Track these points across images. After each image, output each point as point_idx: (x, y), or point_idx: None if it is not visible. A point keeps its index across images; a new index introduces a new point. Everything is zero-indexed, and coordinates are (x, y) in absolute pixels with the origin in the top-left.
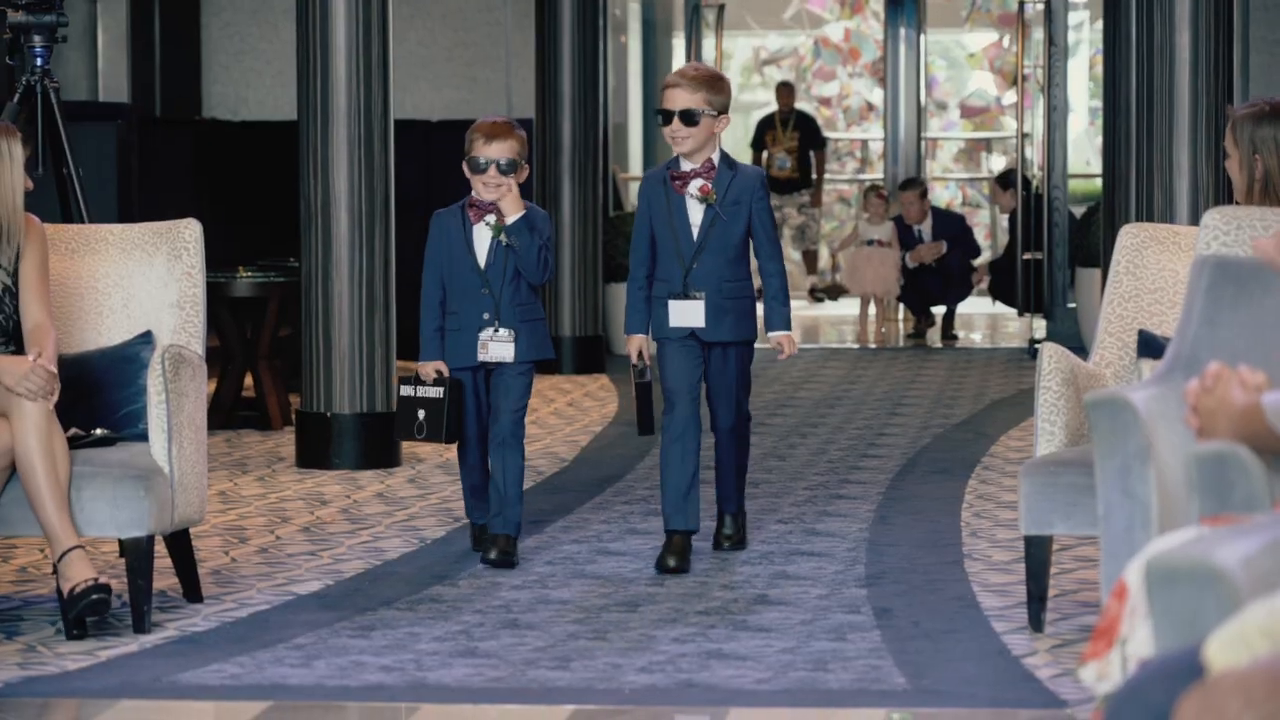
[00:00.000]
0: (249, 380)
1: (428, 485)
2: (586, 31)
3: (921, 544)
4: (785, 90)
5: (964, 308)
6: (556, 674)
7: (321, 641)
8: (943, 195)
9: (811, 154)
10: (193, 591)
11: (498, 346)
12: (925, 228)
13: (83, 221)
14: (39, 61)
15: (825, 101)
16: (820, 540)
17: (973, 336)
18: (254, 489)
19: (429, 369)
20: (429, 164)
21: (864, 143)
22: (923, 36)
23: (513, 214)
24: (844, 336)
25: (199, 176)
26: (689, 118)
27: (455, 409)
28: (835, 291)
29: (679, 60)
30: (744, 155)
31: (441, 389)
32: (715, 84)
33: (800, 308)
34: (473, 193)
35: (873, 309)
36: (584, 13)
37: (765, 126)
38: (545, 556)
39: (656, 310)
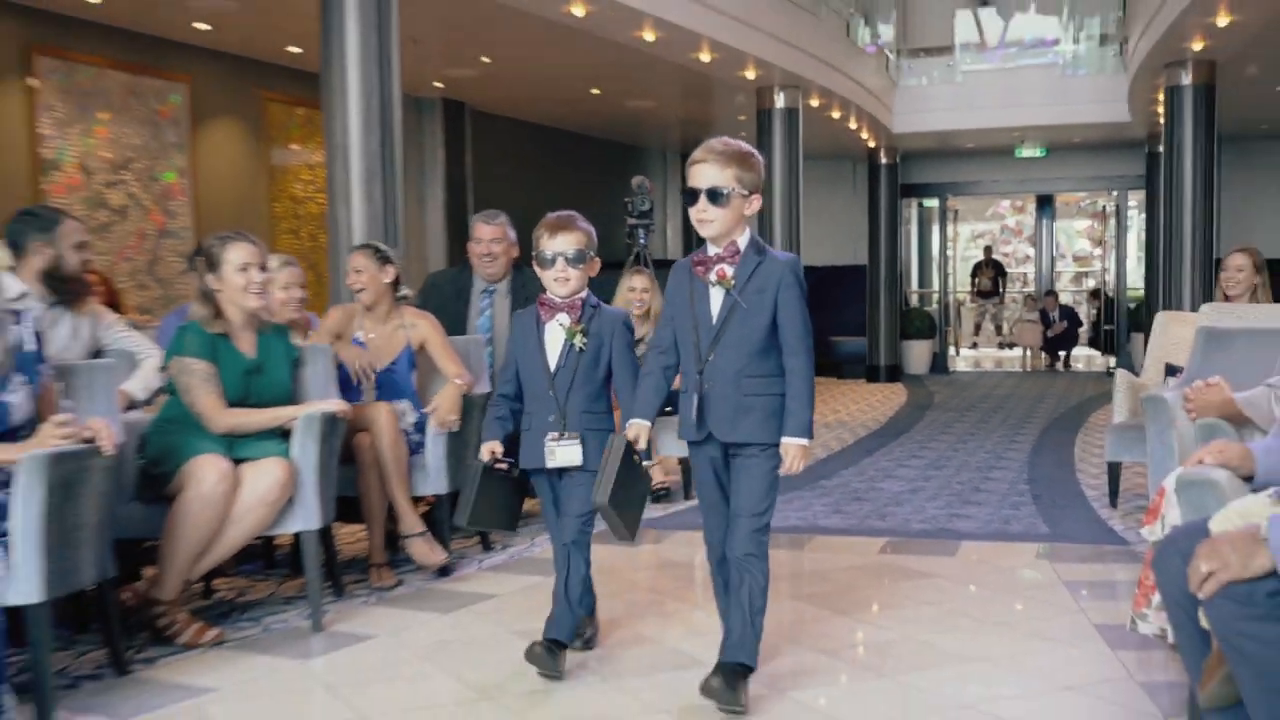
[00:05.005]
0: None
1: None
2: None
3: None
4: (987, 250)
5: (1078, 350)
6: None
7: None
8: (1066, 298)
9: (1000, 279)
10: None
11: (563, 451)
12: (1055, 313)
13: None
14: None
15: (1007, 255)
16: None
17: (1077, 366)
18: None
19: (484, 449)
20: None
21: (1024, 274)
22: (1054, 222)
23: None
24: (1009, 365)
25: None
26: (716, 196)
27: (475, 492)
28: (1011, 344)
29: (936, 234)
30: (964, 283)
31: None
32: (746, 160)
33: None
34: (545, 291)
35: (1028, 354)
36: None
37: (978, 267)
38: None
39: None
